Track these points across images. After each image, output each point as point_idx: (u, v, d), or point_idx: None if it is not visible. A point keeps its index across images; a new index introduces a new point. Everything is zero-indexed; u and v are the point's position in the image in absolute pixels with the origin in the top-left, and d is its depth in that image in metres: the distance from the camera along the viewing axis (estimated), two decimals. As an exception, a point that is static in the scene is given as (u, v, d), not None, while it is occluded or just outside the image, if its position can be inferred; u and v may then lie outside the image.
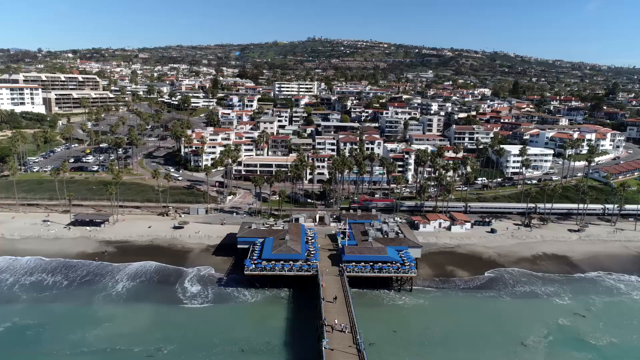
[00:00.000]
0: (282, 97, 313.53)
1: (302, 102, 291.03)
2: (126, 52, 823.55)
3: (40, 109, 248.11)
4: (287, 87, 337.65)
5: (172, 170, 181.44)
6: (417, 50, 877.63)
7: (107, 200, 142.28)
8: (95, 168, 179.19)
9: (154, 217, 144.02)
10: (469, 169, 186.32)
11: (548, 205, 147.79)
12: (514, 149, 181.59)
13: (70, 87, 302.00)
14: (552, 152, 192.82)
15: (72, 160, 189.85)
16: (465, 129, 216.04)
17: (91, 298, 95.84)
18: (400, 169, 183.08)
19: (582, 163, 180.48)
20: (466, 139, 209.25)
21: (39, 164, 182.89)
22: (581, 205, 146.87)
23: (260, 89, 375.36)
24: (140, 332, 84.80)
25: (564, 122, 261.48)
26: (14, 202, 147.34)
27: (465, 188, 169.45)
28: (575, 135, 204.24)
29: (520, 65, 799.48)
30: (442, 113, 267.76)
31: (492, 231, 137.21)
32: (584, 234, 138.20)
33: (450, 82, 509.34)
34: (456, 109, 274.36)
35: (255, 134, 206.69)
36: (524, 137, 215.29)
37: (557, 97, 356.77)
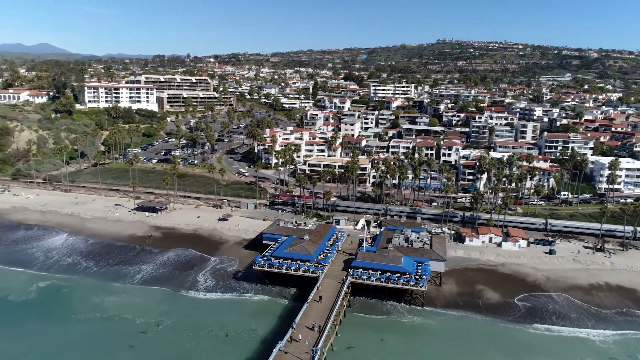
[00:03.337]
0: (377, 99, 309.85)
1: (394, 104, 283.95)
2: (259, 57, 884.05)
3: (154, 106, 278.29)
4: (383, 90, 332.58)
5: (236, 163, 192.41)
6: (556, 52, 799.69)
7: (174, 189, 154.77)
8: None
9: (208, 209, 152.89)
10: (552, 181, 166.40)
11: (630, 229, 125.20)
12: (606, 161, 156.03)
13: (184, 87, 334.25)
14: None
15: (162, 152, 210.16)
16: (559, 136, 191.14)
17: (109, 283, 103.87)
18: (470, 177, 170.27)
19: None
20: (559, 148, 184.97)
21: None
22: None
23: (361, 91, 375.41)
24: (144, 310, 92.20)
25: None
26: (99, 186, 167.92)
27: (540, 202, 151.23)
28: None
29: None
30: (545, 119, 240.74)
31: (551, 252, 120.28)
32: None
33: (578, 86, 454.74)
34: (563, 115, 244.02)
35: (329, 135, 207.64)
36: (634, 149, 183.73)
37: None
